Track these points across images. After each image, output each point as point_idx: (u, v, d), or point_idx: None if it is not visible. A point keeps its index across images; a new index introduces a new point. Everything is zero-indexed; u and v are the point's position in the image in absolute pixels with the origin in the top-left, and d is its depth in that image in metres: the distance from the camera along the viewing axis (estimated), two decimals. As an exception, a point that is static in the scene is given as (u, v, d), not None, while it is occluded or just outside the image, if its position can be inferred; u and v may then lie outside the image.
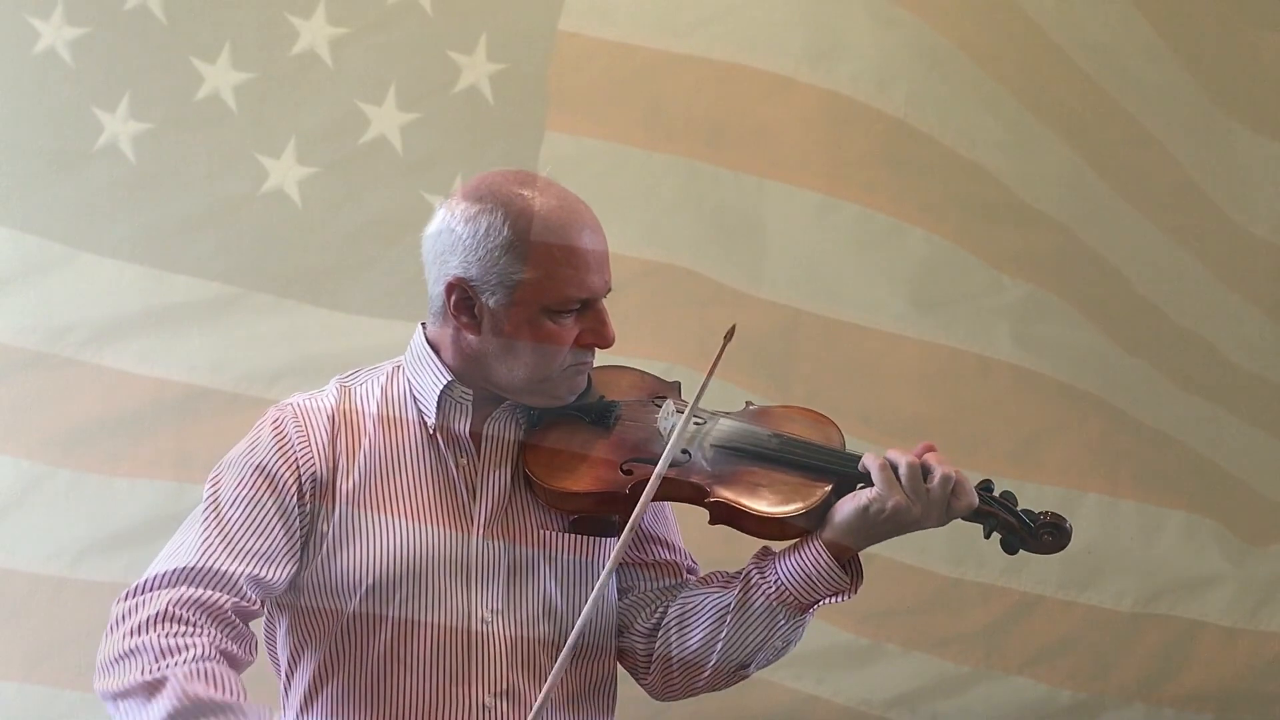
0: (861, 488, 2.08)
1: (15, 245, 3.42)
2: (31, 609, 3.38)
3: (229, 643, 1.97)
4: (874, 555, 2.13)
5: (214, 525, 2.04)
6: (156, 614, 1.95)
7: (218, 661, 1.94)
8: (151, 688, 1.90)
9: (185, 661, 1.92)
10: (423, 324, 2.17)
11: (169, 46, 3.47)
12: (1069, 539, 2.10)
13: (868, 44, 3.67)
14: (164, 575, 2.00)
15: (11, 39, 3.41)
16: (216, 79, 3.48)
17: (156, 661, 1.92)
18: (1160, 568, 3.75)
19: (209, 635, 1.95)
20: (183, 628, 1.94)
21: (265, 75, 3.50)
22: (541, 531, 2.12)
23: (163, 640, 1.93)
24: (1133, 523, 3.74)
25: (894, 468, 2.06)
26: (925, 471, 2.06)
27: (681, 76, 3.65)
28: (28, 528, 3.39)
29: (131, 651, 1.93)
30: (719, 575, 2.20)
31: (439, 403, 2.11)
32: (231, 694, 1.91)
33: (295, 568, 2.06)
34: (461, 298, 2.08)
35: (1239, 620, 3.77)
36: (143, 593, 1.98)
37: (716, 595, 2.15)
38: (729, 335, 2.12)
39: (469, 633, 2.07)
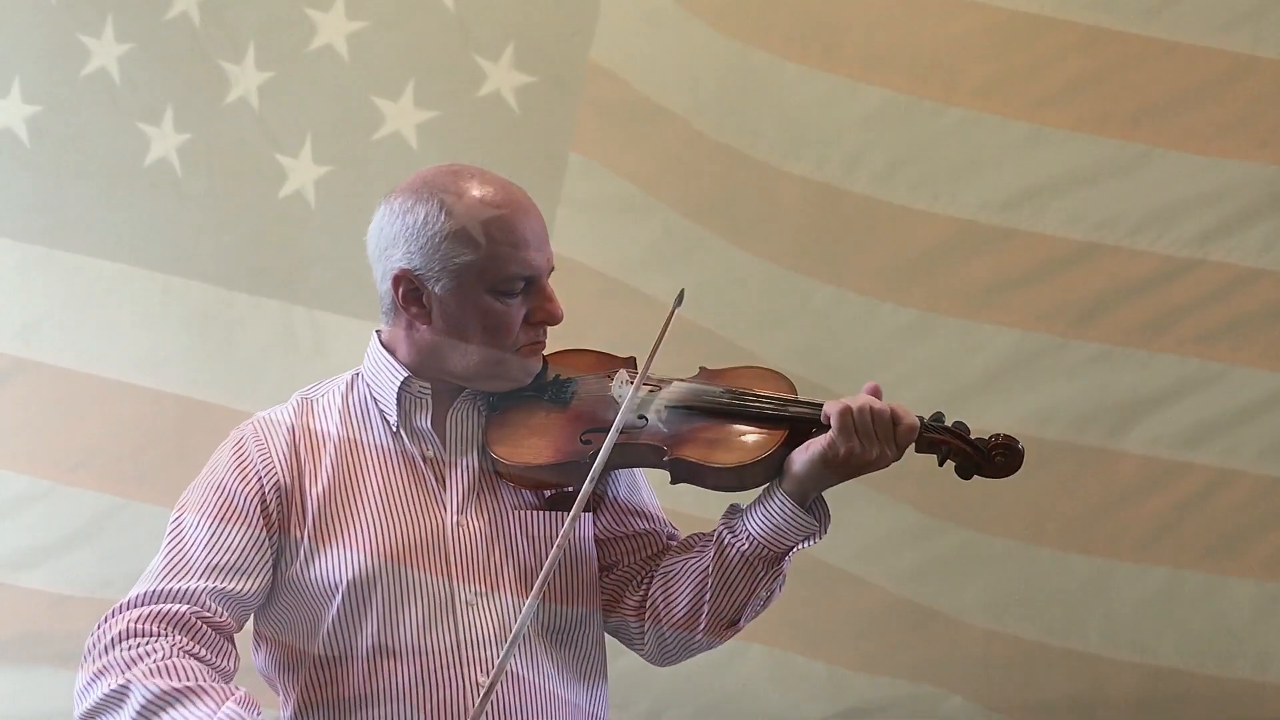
0: (815, 433, 2.13)
1: (80, 271, 3.44)
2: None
3: (195, 646, 2.02)
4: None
5: (174, 550, 2.10)
6: (119, 633, 2.01)
7: (180, 657, 1.99)
8: (117, 696, 1.96)
9: (146, 663, 1.97)
10: (377, 331, 2.23)
11: (204, 53, 3.48)
12: (1021, 459, 2.13)
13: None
14: (124, 603, 2.05)
15: (63, 60, 3.42)
16: (245, 81, 3.48)
17: (122, 673, 1.97)
18: None
19: (171, 640, 2.00)
20: (144, 640, 2.00)
21: (283, 73, 3.52)
22: (515, 511, 2.17)
23: (126, 654, 1.99)
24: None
25: (850, 413, 2.10)
26: (874, 413, 2.10)
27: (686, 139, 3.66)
28: (97, 559, 3.40)
29: (99, 673, 1.99)
30: (697, 538, 2.24)
31: (398, 400, 2.17)
32: (192, 679, 1.96)
33: (268, 578, 2.10)
34: (409, 289, 2.13)
35: None
36: (105, 622, 2.04)
37: (694, 559, 2.19)
38: (679, 300, 2.19)
39: (454, 616, 2.10)
